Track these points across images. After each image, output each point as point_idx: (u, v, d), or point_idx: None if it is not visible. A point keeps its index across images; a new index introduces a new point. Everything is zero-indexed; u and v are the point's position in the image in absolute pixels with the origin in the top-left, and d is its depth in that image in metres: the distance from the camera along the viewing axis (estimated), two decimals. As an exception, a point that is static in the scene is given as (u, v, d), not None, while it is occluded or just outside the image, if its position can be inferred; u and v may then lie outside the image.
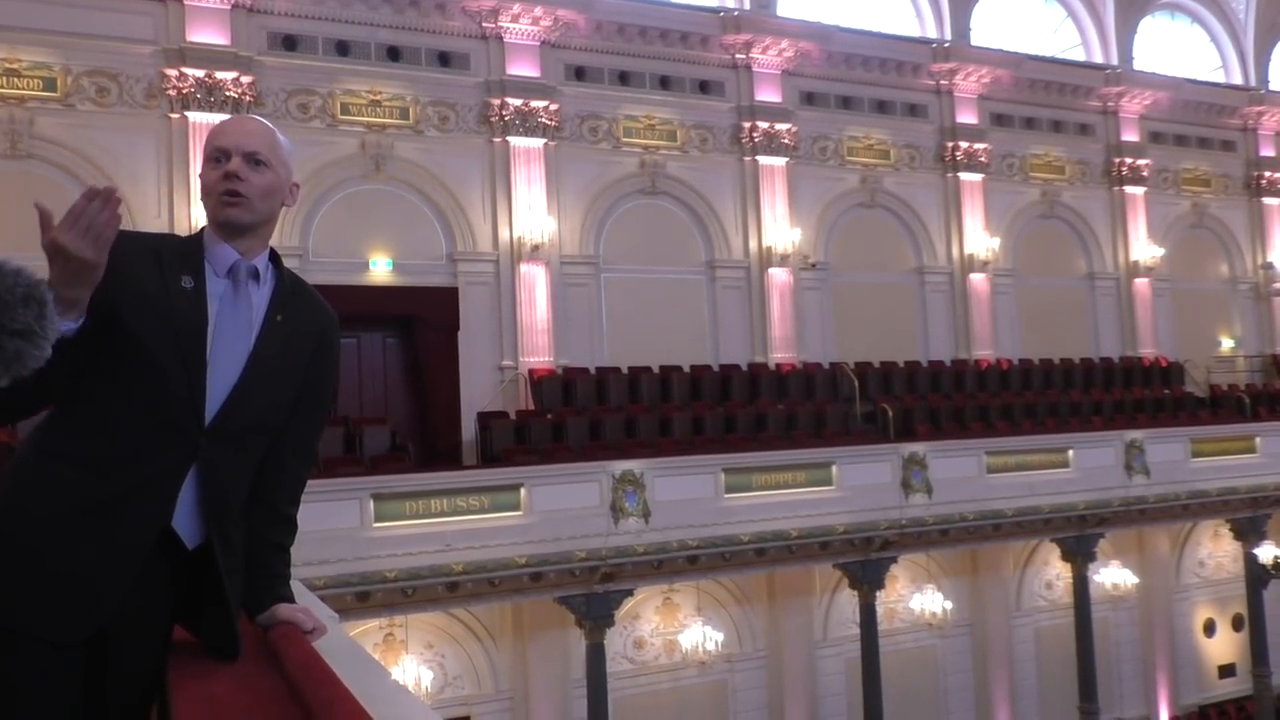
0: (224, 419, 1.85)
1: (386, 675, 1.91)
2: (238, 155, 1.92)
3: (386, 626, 11.27)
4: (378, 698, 1.49)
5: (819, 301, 15.56)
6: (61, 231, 1.57)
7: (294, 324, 1.96)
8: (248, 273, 1.93)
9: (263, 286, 1.95)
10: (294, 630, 1.88)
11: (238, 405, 1.86)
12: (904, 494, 12.24)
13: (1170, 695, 16.72)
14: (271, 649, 1.81)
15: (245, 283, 1.92)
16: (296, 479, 2.09)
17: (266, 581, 2.00)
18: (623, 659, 12.67)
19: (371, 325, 12.86)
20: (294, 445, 2.04)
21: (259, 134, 1.98)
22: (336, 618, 2.28)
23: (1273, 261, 20.01)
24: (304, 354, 1.98)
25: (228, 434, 1.86)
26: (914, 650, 14.70)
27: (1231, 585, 17.36)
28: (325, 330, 2.04)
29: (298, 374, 1.97)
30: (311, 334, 2.00)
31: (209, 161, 1.94)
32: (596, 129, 14.14)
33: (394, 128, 12.87)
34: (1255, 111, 19.98)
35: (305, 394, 2.00)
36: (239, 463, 1.91)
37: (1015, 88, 17.38)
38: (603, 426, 12.12)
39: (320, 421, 2.14)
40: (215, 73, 11.72)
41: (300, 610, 1.98)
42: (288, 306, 1.96)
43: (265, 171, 1.95)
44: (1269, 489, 15.25)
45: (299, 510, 2.11)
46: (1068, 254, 18.11)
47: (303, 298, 2.02)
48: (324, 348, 2.04)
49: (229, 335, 1.87)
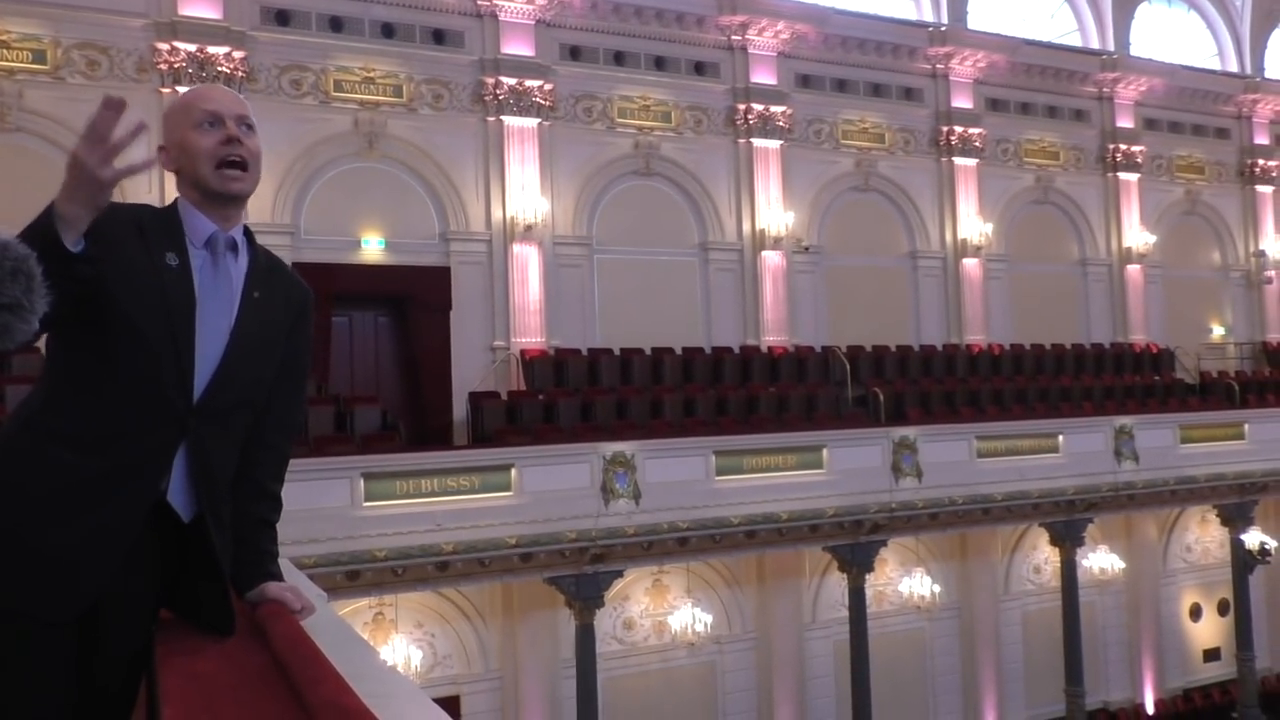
0: (211, 396, 1.84)
1: (374, 654, 1.91)
2: (231, 119, 1.89)
3: (376, 606, 11.30)
4: (364, 675, 1.49)
5: (812, 284, 15.57)
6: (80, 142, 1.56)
7: (271, 300, 1.95)
8: (226, 244, 1.91)
9: (239, 260, 1.93)
10: (282, 608, 1.88)
11: (224, 382, 1.85)
12: (894, 477, 12.29)
13: (1156, 679, 16.88)
14: (259, 627, 1.80)
15: (224, 255, 1.90)
16: (281, 455, 2.09)
17: (255, 558, 1.99)
18: (612, 640, 12.73)
19: (363, 304, 12.83)
20: (276, 421, 2.03)
21: (242, 101, 1.97)
22: (324, 596, 2.28)
23: (1265, 249, 20.06)
24: (282, 330, 1.97)
25: (215, 411, 1.85)
26: (902, 633, 14.80)
27: (1218, 571, 17.50)
28: (302, 305, 2.04)
29: (278, 350, 1.96)
30: (288, 310, 1.99)
31: (198, 126, 1.89)
32: (591, 109, 14.08)
33: (387, 105, 12.79)
34: (1250, 99, 19.98)
35: (285, 370, 2.00)
36: (226, 440, 1.90)
37: (1011, 72, 17.34)
38: (594, 408, 12.12)
39: (300, 397, 2.15)
40: (207, 47, 11.62)
41: (289, 589, 1.98)
42: (265, 282, 1.95)
43: (254, 137, 1.94)
44: (1256, 475, 15.35)
45: (284, 487, 2.11)
46: (1060, 240, 18.13)
47: (278, 273, 2.01)
48: (301, 323, 2.03)
49: (212, 310, 1.85)
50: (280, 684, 1.49)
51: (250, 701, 1.50)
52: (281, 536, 2.10)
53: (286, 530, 2.13)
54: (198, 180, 1.89)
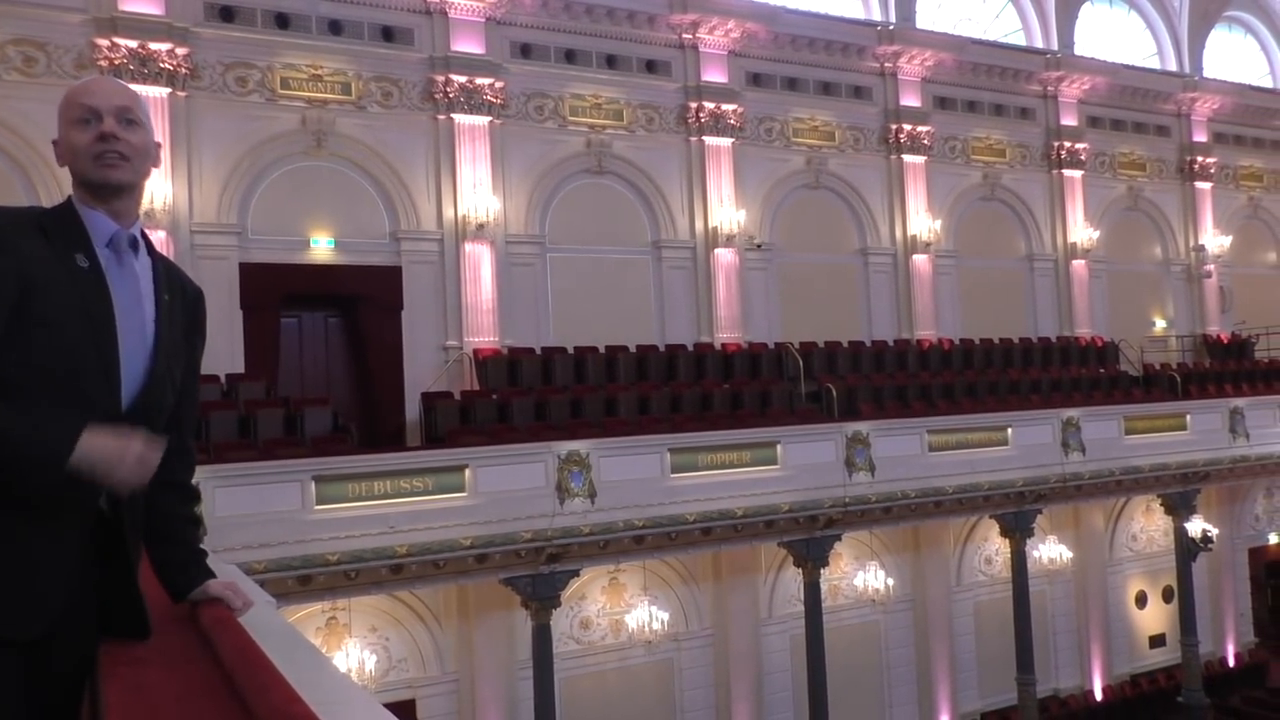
0: (142, 398, 1.81)
1: (324, 660, 1.88)
2: (109, 114, 1.85)
3: (329, 610, 11.18)
4: (314, 683, 1.46)
5: (764, 282, 15.66)
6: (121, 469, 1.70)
7: (176, 301, 1.94)
8: (127, 242, 1.87)
9: (140, 257, 1.90)
10: (226, 614, 1.85)
11: (154, 385, 1.83)
12: (848, 472, 12.40)
13: (1104, 666, 17.25)
14: (204, 635, 1.77)
15: (126, 253, 1.87)
16: (191, 454, 2.10)
17: (194, 557, 2.00)
18: (569, 639, 12.71)
19: (313, 305, 12.67)
20: (187, 421, 2.04)
21: (127, 92, 1.92)
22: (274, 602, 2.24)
23: (1204, 244, 20.56)
24: (183, 330, 1.97)
25: (143, 414, 1.82)
26: (857, 626, 14.96)
27: (1162, 558, 17.93)
28: (198, 305, 2.03)
29: (184, 352, 1.96)
30: (188, 310, 1.99)
31: (76, 123, 1.85)
32: (542, 107, 14.03)
33: (336, 103, 12.64)
34: (1189, 98, 20.46)
35: (188, 369, 2.00)
36: None
37: (958, 71, 17.59)
38: (548, 407, 12.08)
39: (198, 396, 2.15)
40: (149, 44, 11.39)
41: (229, 585, 1.99)
42: (169, 284, 1.94)
43: (138, 130, 1.89)
44: (1198, 465, 15.73)
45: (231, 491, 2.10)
46: (1008, 236, 18.43)
47: (174, 272, 2.00)
48: (197, 323, 2.03)
49: (126, 310, 1.83)
50: (227, 694, 1.46)
51: (196, 713, 1.47)
52: (230, 541, 2.11)
53: (235, 535, 2.11)
54: (80, 175, 1.86)
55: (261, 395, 11.02)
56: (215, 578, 2.00)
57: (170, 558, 1.97)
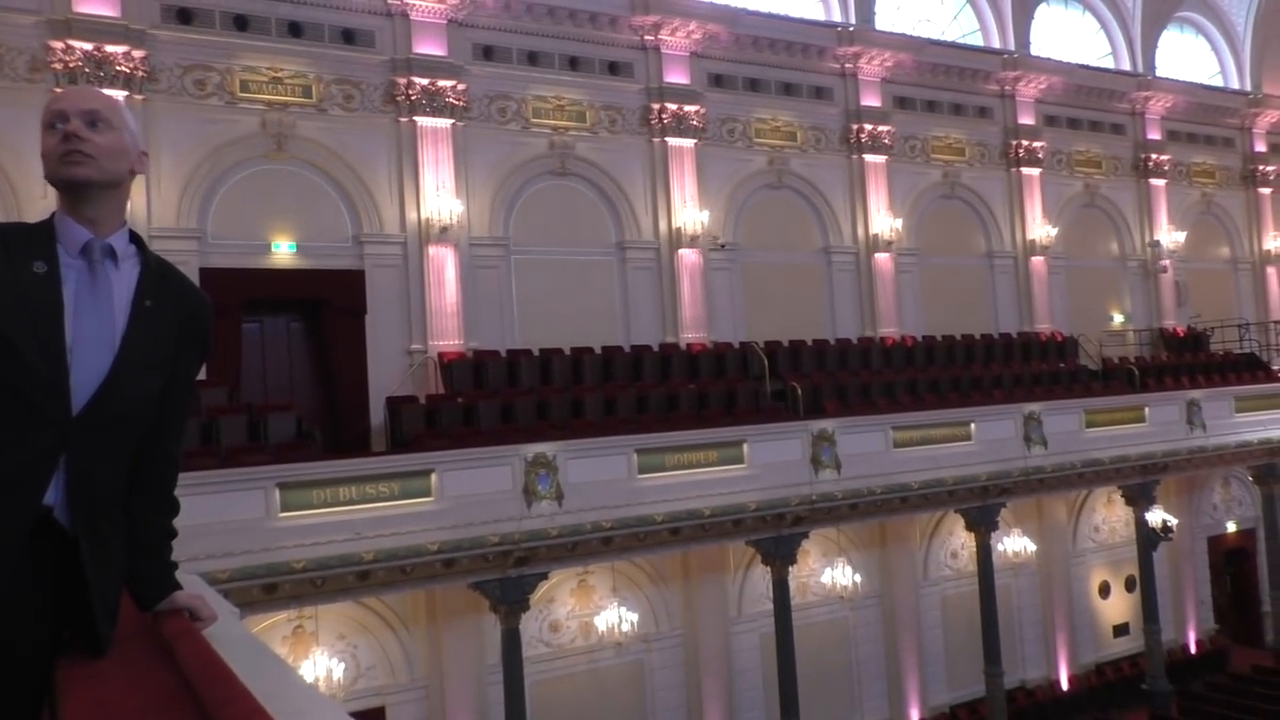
0: (96, 407, 1.78)
1: (289, 670, 1.87)
2: (76, 117, 1.85)
3: (296, 619, 11.06)
4: (278, 694, 1.45)
5: (728, 281, 15.72)
6: None
7: (162, 309, 1.90)
8: (103, 251, 1.85)
9: (124, 268, 1.88)
10: (188, 625, 1.83)
11: (111, 393, 1.79)
12: (814, 470, 12.48)
13: (1069, 655, 17.49)
14: (166, 646, 1.75)
15: (102, 262, 1.85)
16: (175, 464, 2.07)
17: (163, 570, 1.98)
18: (539, 643, 12.68)
19: (275, 309, 12.54)
20: (173, 432, 2.01)
21: (97, 96, 1.93)
22: (237, 613, 2.22)
23: (1159, 239, 20.91)
24: (174, 339, 1.92)
25: (100, 423, 1.79)
26: (826, 623, 15.05)
27: (1124, 549, 18.22)
28: (195, 314, 1.99)
29: (169, 361, 1.91)
30: (180, 319, 1.94)
31: (46, 129, 1.86)
32: (505, 109, 13.99)
33: (296, 106, 12.52)
34: (1142, 96, 20.80)
35: (179, 380, 1.95)
36: (112, 452, 1.84)
37: (917, 71, 17.76)
38: (514, 409, 12.04)
39: (189, 406, 2.11)
40: (105, 46, 11.23)
41: (196, 597, 1.97)
42: (156, 291, 1.90)
43: (107, 131, 1.88)
44: (1157, 456, 16.00)
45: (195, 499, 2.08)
46: (968, 233, 18.63)
47: (171, 281, 1.96)
48: (194, 333, 1.98)
49: (91, 318, 1.80)
50: (189, 706, 1.44)
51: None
52: (193, 550, 2.09)
53: (198, 544, 2.09)
54: (49, 178, 1.87)
55: (224, 401, 10.88)
56: (183, 589, 1.98)
57: (142, 569, 1.94)
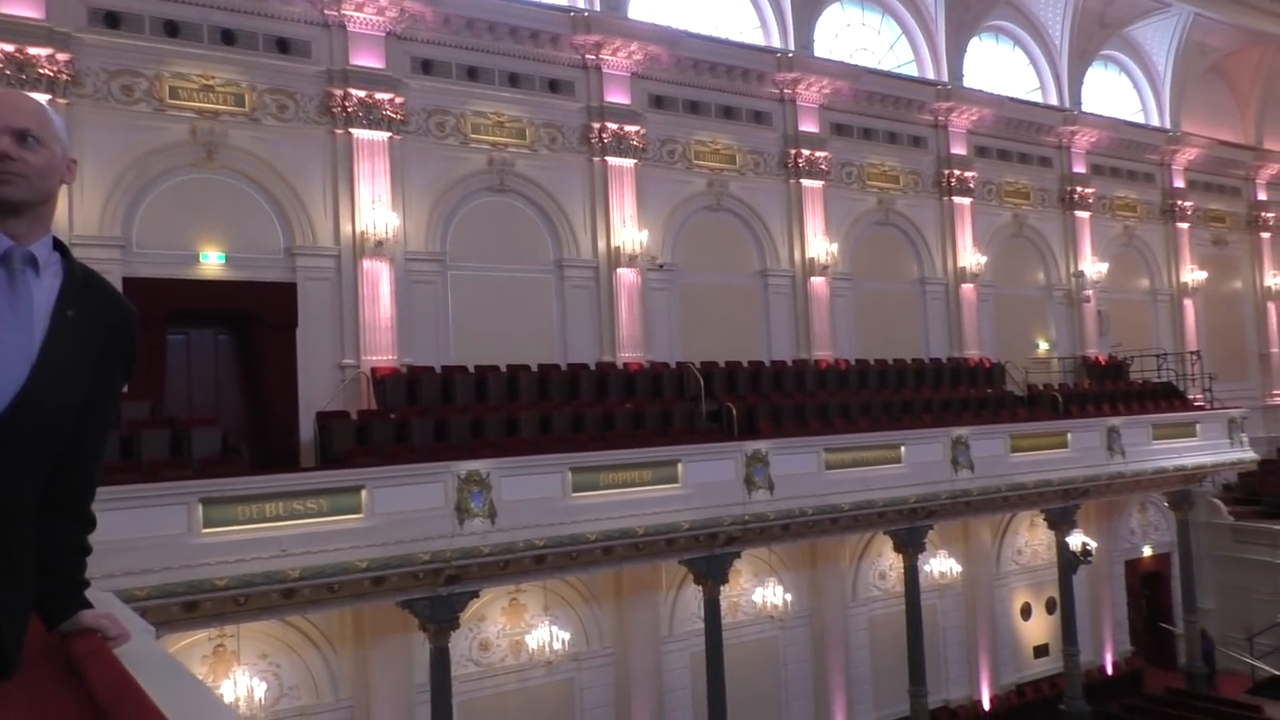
0: (11, 421, 1.72)
1: (206, 691, 1.81)
2: (5, 134, 1.79)
3: (216, 637, 10.78)
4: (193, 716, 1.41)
5: (666, 302, 15.79)
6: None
7: (85, 319, 1.84)
8: (24, 259, 1.79)
9: (46, 276, 1.82)
10: (100, 645, 1.76)
11: (26, 407, 1.73)
12: (747, 490, 12.55)
13: (991, 675, 17.80)
14: (76, 667, 1.68)
15: (22, 270, 1.79)
16: (93, 481, 1.99)
17: (72, 588, 1.90)
18: (468, 661, 12.52)
19: (202, 321, 12.26)
20: (93, 446, 1.93)
21: (29, 110, 1.84)
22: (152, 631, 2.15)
23: (1084, 270, 21.54)
24: (96, 351, 1.86)
25: (14, 437, 1.73)
26: (756, 642, 15.11)
27: (1045, 571, 18.64)
28: (120, 326, 1.92)
29: (89, 372, 1.85)
30: (104, 331, 1.88)
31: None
32: (444, 124, 13.91)
33: (228, 114, 12.30)
34: (1069, 130, 21.46)
35: (96, 394, 1.88)
36: (24, 467, 1.78)
37: (854, 99, 18.10)
38: (448, 426, 11.92)
39: (111, 421, 2.03)
40: (27, 48, 10.91)
41: (105, 615, 1.89)
42: (79, 300, 1.84)
43: (39, 148, 1.82)
44: (1079, 481, 16.43)
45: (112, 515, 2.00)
46: (901, 259, 18.99)
47: (95, 290, 1.90)
48: (117, 346, 1.92)
49: (9, 328, 1.74)
50: (97, 729, 1.40)
51: (64, 751, 1.40)
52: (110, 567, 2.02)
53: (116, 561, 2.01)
54: None
55: (146, 415, 10.59)
56: (92, 608, 1.91)
57: (49, 589, 1.86)
